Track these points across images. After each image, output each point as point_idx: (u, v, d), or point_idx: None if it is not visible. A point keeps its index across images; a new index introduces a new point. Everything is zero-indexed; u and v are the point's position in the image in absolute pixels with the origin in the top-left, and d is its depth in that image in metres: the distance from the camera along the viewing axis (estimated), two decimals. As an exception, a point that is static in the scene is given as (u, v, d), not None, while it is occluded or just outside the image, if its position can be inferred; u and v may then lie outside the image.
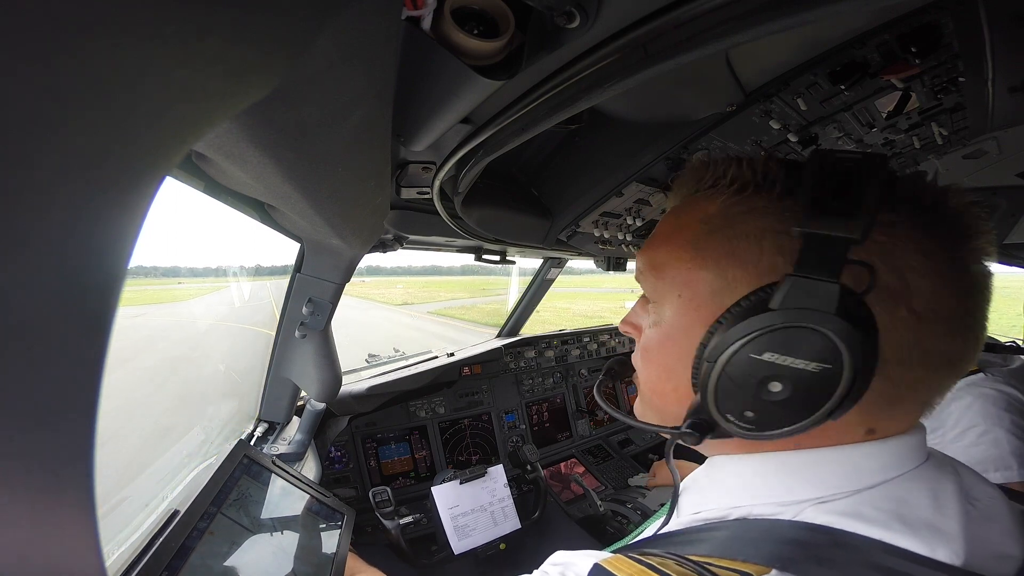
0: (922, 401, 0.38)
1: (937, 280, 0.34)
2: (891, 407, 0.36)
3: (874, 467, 0.37)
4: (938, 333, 0.34)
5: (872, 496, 0.35)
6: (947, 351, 0.35)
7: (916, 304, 0.33)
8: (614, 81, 0.41)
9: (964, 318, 0.35)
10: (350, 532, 1.07)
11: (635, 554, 0.38)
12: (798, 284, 0.33)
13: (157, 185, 0.21)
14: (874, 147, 0.86)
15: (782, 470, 0.39)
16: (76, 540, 0.22)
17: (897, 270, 0.33)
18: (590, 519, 1.78)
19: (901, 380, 0.35)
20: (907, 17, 0.52)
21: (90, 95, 0.15)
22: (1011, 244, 1.53)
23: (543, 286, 2.27)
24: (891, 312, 0.33)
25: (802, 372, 0.33)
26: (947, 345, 0.35)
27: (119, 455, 1.23)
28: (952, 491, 0.35)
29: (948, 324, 0.34)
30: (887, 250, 0.34)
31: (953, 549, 0.32)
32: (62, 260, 0.16)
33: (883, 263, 0.33)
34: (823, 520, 0.35)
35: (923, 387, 0.37)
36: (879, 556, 0.32)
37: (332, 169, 0.50)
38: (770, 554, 0.33)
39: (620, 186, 0.94)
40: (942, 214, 0.35)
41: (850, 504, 0.35)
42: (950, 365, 0.36)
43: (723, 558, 0.35)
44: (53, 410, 0.18)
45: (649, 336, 0.45)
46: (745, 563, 0.34)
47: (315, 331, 1.17)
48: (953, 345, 0.35)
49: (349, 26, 0.31)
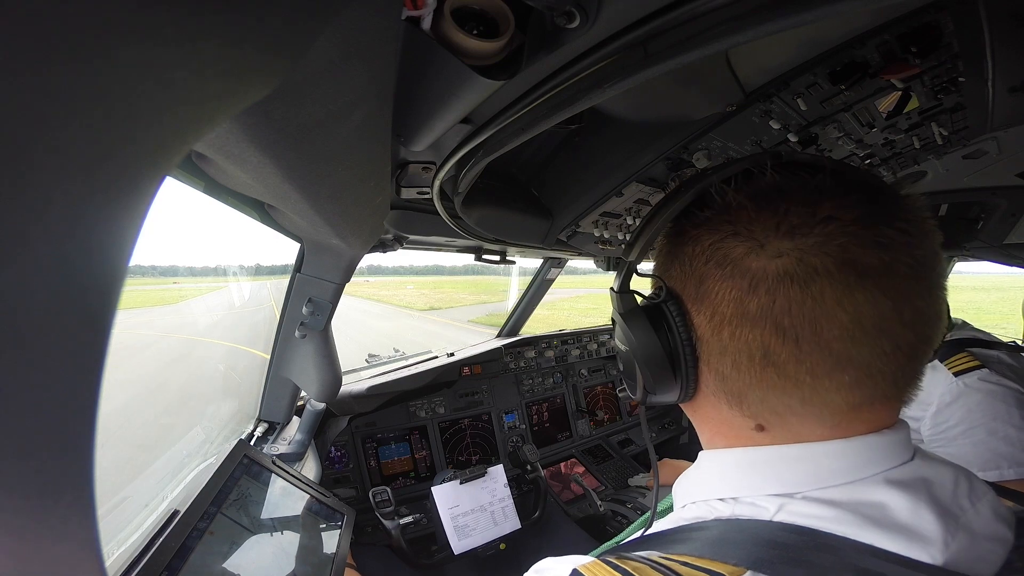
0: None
1: (737, 284, 0.36)
2: (745, 402, 0.39)
3: (841, 466, 0.36)
4: (758, 333, 0.35)
5: (845, 496, 0.35)
6: (780, 352, 0.34)
7: (720, 307, 0.37)
8: (614, 81, 0.41)
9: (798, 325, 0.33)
10: (350, 532, 1.07)
11: (613, 558, 0.38)
12: (613, 295, 0.46)
13: (157, 185, 0.21)
14: (874, 147, 0.86)
15: (751, 464, 0.40)
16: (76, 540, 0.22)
17: (700, 277, 0.39)
18: (590, 519, 1.78)
19: (732, 376, 0.38)
20: (907, 17, 0.52)
21: (91, 95, 0.15)
22: (1011, 244, 1.53)
23: (543, 286, 2.27)
24: (698, 313, 0.39)
25: (621, 351, 0.47)
26: (778, 347, 0.34)
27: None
28: (935, 491, 0.35)
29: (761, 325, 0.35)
30: (692, 259, 0.40)
31: (928, 551, 0.31)
32: (62, 260, 0.16)
33: (691, 272, 0.40)
34: (804, 521, 0.35)
35: (779, 388, 0.36)
36: (857, 557, 0.31)
37: (332, 169, 0.50)
38: (748, 556, 0.34)
39: (620, 186, 0.94)
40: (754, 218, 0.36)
41: (823, 504, 0.35)
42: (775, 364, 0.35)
43: (703, 558, 0.35)
44: (53, 410, 0.18)
45: None
46: (723, 564, 0.34)
47: (315, 331, 1.17)
48: (784, 348, 0.34)
49: (349, 26, 0.31)
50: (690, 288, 0.40)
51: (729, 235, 0.37)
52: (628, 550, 0.41)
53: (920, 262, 0.34)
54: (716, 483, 0.43)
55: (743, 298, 0.35)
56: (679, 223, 0.42)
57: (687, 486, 0.47)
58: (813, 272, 0.33)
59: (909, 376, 0.36)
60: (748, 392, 0.38)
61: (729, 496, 0.41)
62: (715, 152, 0.84)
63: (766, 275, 0.34)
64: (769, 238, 0.35)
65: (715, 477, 0.43)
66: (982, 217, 1.40)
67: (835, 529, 0.33)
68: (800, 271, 0.33)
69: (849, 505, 0.35)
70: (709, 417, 0.44)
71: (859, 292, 0.32)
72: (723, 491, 0.42)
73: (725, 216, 0.38)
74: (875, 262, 0.32)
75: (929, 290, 0.34)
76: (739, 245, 0.36)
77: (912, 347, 0.34)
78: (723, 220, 0.38)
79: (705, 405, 0.43)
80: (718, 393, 0.40)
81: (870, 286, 0.32)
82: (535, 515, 1.68)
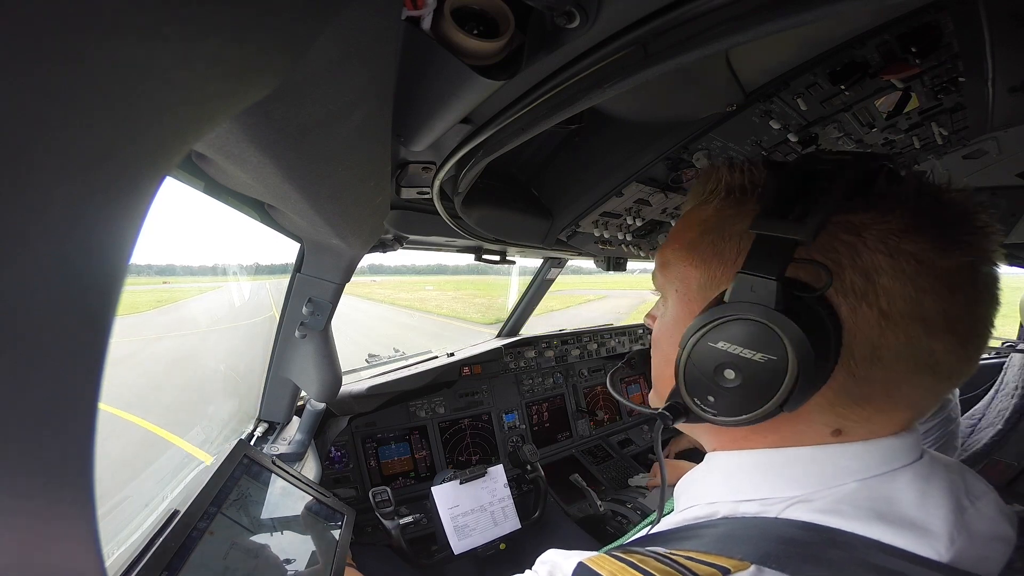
0: (905, 406, 0.37)
1: (909, 281, 0.34)
2: (859, 406, 0.36)
3: (856, 466, 0.37)
4: (913, 334, 0.34)
5: (853, 494, 0.35)
6: (927, 353, 0.34)
7: (884, 304, 0.34)
8: (614, 81, 0.41)
9: (951, 321, 0.34)
10: (350, 532, 1.07)
11: (619, 552, 0.38)
12: (743, 280, 0.36)
13: (157, 185, 0.21)
14: (874, 147, 0.86)
15: (767, 467, 0.40)
16: (76, 540, 0.22)
17: (863, 270, 0.35)
18: (590, 519, 1.78)
19: (869, 378, 0.35)
20: (907, 17, 0.52)
21: (91, 95, 0.15)
22: (1011, 244, 1.53)
23: (543, 286, 2.27)
24: (855, 310, 0.35)
25: (750, 361, 0.35)
26: (927, 347, 0.34)
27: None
28: (942, 489, 0.35)
29: (926, 326, 0.34)
30: (856, 250, 0.35)
31: (935, 547, 0.32)
32: (62, 260, 0.16)
33: (850, 263, 0.35)
34: (810, 518, 0.35)
35: (900, 390, 0.36)
36: (868, 553, 0.32)
37: (332, 169, 0.50)
38: (754, 550, 0.34)
39: (620, 186, 0.94)
40: (927, 215, 0.35)
41: (832, 502, 0.35)
42: (933, 368, 0.35)
43: (709, 553, 0.35)
44: (53, 410, 0.18)
45: (656, 327, 0.49)
46: (729, 558, 0.34)
47: (315, 331, 1.17)
48: (935, 347, 0.34)
49: (349, 26, 0.31)
50: (847, 281, 0.35)
51: (910, 229, 0.34)
52: (632, 547, 0.41)
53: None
54: (723, 485, 0.42)
55: (923, 298, 0.34)
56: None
57: (692, 487, 0.46)
58: (977, 276, 0.35)
59: None
60: (875, 396, 0.36)
61: (736, 498, 0.40)
62: (715, 152, 0.84)
63: (950, 275, 0.34)
64: (949, 239, 0.34)
65: (723, 479, 0.43)
66: (982, 217, 1.40)
67: (842, 525, 0.33)
68: (971, 275, 0.35)
69: (859, 501, 0.35)
70: (766, 424, 0.38)
71: (988, 299, 0.36)
72: (729, 493, 0.41)
73: (900, 208, 0.35)
74: (994, 273, 0.36)
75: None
76: (924, 242, 0.34)
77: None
78: (898, 212, 0.35)
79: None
80: (829, 398, 0.36)
81: (990, 296, 0.36)
82: (535, 515, 1.68)
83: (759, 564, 0.33)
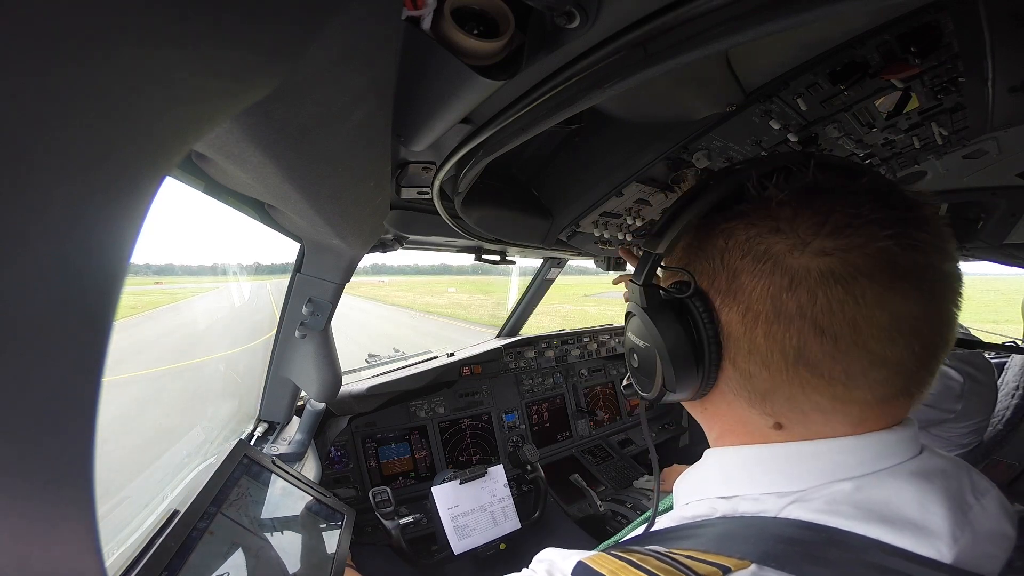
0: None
1: (766, 279, 0.35)
2: (768, 401, 0.38)
3: (850, 461, 0.37)
4: (774, 330, 0.35)
5: (851, 492, 0.35)
6: (795, 350, 0.35)
7: (746, 301, 0.37)
8: (614, 81, 0.41)
9: (815, 318, 0.34)
10: (350, 532, 1.07)
11: (618, 551, 0.38)
12: (632, 287, 0.44)
13: (157, 185, 0.21)
14: (874, 147, 0.86)
15: (755, 462, 0.40)
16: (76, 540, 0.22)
17: (732, 272, 0.38)
18: (590, 519, 1.78)
19: (754, 372, 0.38)
20: (907, 17, 0.52)
21: (91, 96, 0.15)
22: (1011, 244, 1.53)
23: (543, 286, 2.27)
24: (727, 308, 0.38)
25: (638, 347, 0.45)
26: (796, 343, 0.35)
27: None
28: (943, 487, 0.35)
29: (787, 322, 0.35)
30: (726, 253, 0.38)
31: (936, 547, 0.32)
32: (62, 260, 0.16)
33: (722, 265, 0.39)
34: (809, 517, 0.35)
35: (792, 386, 0.36)
36: (870, 553, 0.31)
37: (332, 169, 0.50)
38: (754, 550, 0.34)
39: (620, 186, 0.94)
40: (798, 215, 0.35)
41: (829, 501, 0.35)
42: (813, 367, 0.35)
43: (708, 552, 0.35)
44: (53, 410, 0.18)
45: None
46: (728, 557, 0.34)
47: (315, 331, 1.17)
48: (804, 344, 0.34)
49: (349, 26, 0.31)
50: (720, 283, 0.39)
51: (769, 231, 0.36)
52: (630, 545, 0.41)
53: (948, 266, 0.35)
54: (719, 482, 0.43)
55: (781, 295, 0.35)
56: (709, 215, 0.41)
57: (689, 484, 0.47)
58: (856, 272, 0.33)
59: (929, 375, 0.37)
60: (775, 391, 0.37)
61: (732, 494, 0.41)
62: (715, 152, 0.84)
63: (808, 273, 0.34)
64: (812, 236, 0.34)
65: (718, 475, 0.43)
66: (982, 217, 1.40)
67: (842, 524, 0.33)
68: (843, 271, 0.33)
69: (856, 500, 0.35)
70: (721, 415, 0.44)
71: (898, 294, 0.33)
72: (726, 489, 0.42)
73: (765, 211, 0.37)
74: (912, 265, 0.33)
75: (954, 293, 0.36)
76: (780, 242, 0.35)
77: (936, 348, 0.35)
78: (763, 215, 0.37)
79: (719, 403, 0.43)
80: (738, 391, 0.40)
81: (908, 288, 0.33)
82: (535, 515, 1.68)
83: (759, 563, 0.33)
